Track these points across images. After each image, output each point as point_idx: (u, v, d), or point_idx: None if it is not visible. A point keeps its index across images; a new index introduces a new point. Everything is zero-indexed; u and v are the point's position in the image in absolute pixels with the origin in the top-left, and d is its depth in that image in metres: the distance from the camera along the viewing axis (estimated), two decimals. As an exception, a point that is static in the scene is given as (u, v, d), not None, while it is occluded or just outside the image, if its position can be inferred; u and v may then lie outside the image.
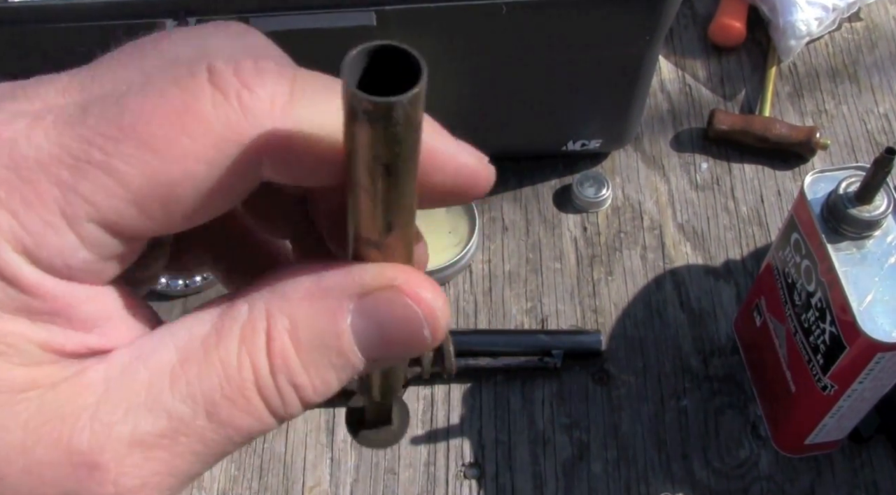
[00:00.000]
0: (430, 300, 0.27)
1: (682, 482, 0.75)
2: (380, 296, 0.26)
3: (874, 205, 0.62)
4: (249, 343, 0.25)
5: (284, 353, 0.25)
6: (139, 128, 0.24)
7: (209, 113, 0.24)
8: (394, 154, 0.24)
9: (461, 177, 0.28)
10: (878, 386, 0.65)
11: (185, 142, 0.24)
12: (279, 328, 0.25)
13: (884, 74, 1.00)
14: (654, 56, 0.81)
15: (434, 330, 0.27)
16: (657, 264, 0.86)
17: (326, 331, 0.26)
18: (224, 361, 0.25)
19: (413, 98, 0.23)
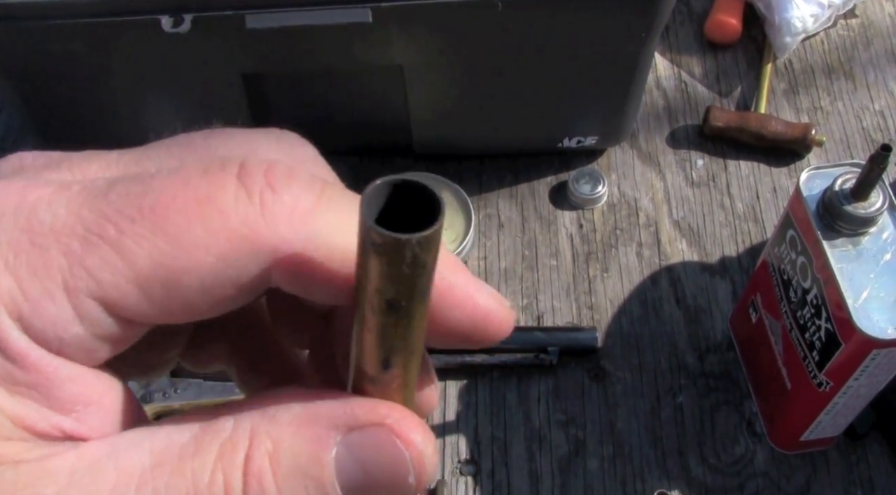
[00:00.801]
0: (420, 444, 0.25)
1: (678, 478, 0.75)
2: (369, 432, 0.25)
3: (870, 201, 0.62)
4: (227, 459, 0.24)
5: (261, 476, 0.24)
6: (157, 211, 0.24)
7: (229, 207, 0.24)
8: (398, 292, 0.23)
9: (478, 319, 0.27)
10: (873, 383, 0.65)
11: (199, 232, 0.24)
12: (261, 449, 0.24)
13: (879, 71, 1.00)
14: (649, 53, 0.81)
15: (419, 475, 0.25)
16: (653, 261, 0.86)
17: (309, 459, 0.24)
18: (196, 474, 0.24)
19: (424, 239, 0.22)
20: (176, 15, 0.70)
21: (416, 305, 0.24)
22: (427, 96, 0.83)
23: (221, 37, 0.73)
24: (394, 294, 0.23)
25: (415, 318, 0.24)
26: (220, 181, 0.24)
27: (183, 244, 0.24)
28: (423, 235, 0.22)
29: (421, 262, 0.22)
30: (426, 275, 0.23)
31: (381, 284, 0.23)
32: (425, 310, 0.25)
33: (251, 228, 0.24)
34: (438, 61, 0.79)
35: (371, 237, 0.22)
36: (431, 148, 0.91)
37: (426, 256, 0.22)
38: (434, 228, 0.22)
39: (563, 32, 0.76)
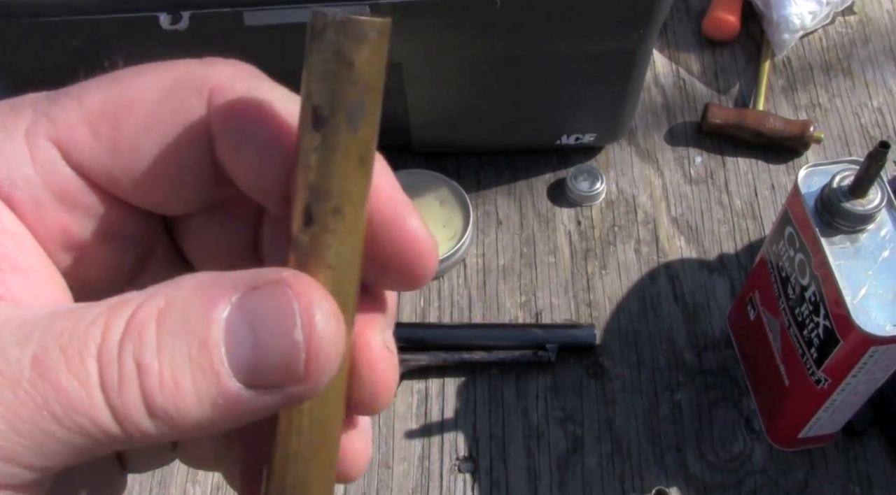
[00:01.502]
0: (314, 299, 0.23)
1: (676, 475, 0.75)
2: (263, 288, 0.23)
3: (868, 198, 0.62)
4: (115, 308, 0.22)
5: (143, 326, 0.22)
6: (117, 73, 0.26)
7: (178, 64, 0.26)
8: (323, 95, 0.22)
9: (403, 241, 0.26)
10: (871, 380, 0.65)
11: (148, 77, 0.25)
12: (151, 303, 0.22)
13: (877, 68, 1.00)
14: (648, 50, 0.81)
15: (308, 334, 0.23)
16: (651, 258, 0.87)
17: (196, 314, 0.22)
18: (79, 316, 0.22)
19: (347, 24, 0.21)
20: (174, 12, 0.70)
21: (343, 123, 0.22)
22: (425, 93, 0.83)
23: (219, 34, 0.73)
24: (318, 99, 0.22)
25: (341, 146, 0.23)
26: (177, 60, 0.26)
27: (130, 86, 0.25)
28: (353, 18, 0.21)
29: (346, 58, 0.21)
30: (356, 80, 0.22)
31: (308, 87, 0.22)
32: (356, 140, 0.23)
33: (194, 72, 0.25)
34: (437, 58, 0.79)
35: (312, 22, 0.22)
36: (430, 145, 0.91)
37: (352, 51, 0.21)
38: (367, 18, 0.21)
39: (562, 29, 0.76)
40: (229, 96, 0.25)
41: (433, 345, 0.80)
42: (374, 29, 0.22)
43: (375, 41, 0.22)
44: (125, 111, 0.25)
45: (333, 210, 0.23)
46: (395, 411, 0.79)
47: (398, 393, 0.79)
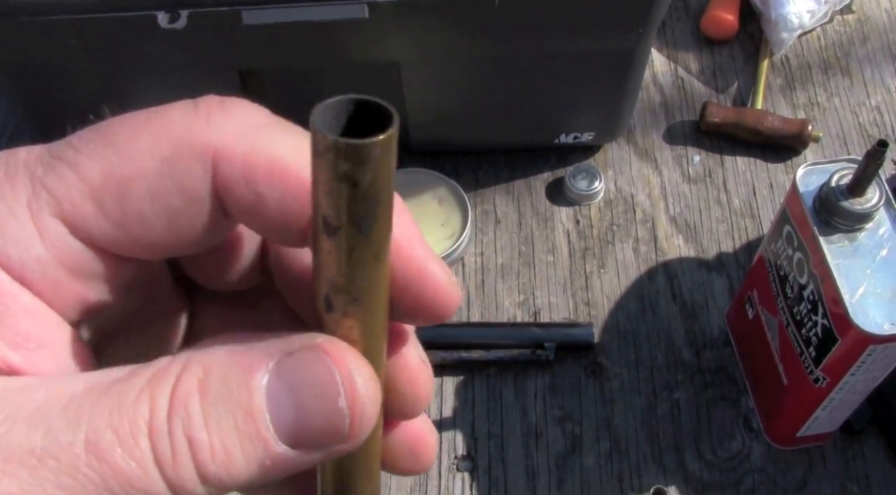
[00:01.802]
0: (353, 366, 0.24)
1: (675, 474, 0.75)
2: (300, 355, 0.24)
3: (866, 197, 0.62)
4: (156, 382, 0.23)
5: (188, 399, 0.23)
6: (110, 129, 0.25)
7: (175, 118, 0.25)
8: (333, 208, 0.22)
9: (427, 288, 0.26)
10: (869, 379, 0.65)
11: (144, 140, 0.24)
12: (191, 374, 0.23)
13: (875, 67, 1.00)
14: (646, 49, 0.81)
15: (351, 401, 0.24)
16: (649, 257, 0.87)
17: (237, 384, 0.23)
18: (123, 393, 0.23)
19: (353, 149, 0.21)
20: (172, 11, 0.70)
21: (354, 232, 0.23)
22: (424, 92, 0.83)
23: (218, 33, 0.73)
24: (327, 209, 0.22)
25: (355, 250, 0.23)
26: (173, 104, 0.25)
27: (129, 152, 0.24)
28: (351, 143, 0.21)
29: (350, 179, 0.21)
30: (363, 197, 0.22)
31: (317, 196, 0.22)
32: (373, 248, 0.23)
33: (194, 133, 0.24)
34: (435, 57, 0.79)
35: (313, 140, 0.21)
36: (428, 144, 0.91)
37: (360, 173, 0.21)
38: (367, 141, 0.21)
39: (560, 28, 0.76)
40: (235, 162, 0.24)
41: (431, 343, 0.80)
42: (377, 148, 0.21)
43: (378, 159, 0.21)
44: (127, 184, 0.24)
45: (352, 300, 0.24)
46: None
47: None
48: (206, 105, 0.25)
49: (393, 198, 0.23)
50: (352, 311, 0.24)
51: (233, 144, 0.24)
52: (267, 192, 0.24)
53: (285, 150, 0.24)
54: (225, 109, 0.25)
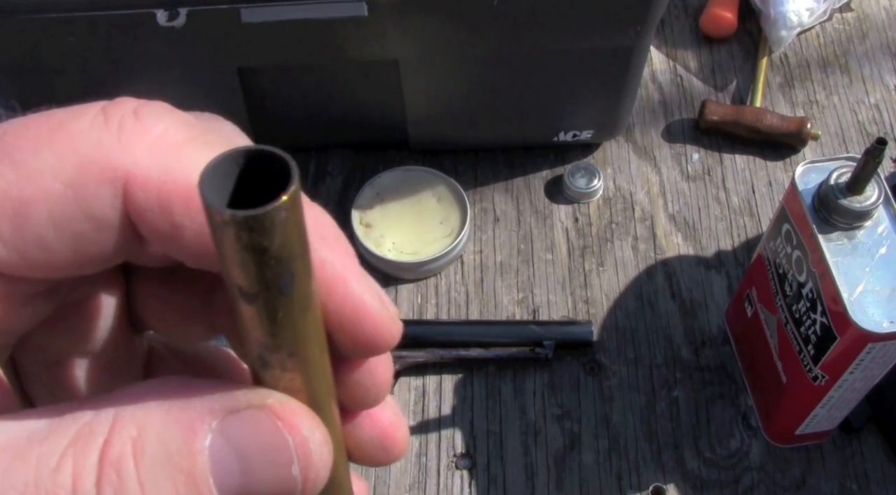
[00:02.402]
0: (306, 430, 0.22)
1: (674, 472, 0.75)
2: (247, 414, 0.22)
3: (865, 195, 0.62)
4: (81, 444, 0.20)
5: (120, 464, 0.20)
6: (7, 140, 0.22)
7: (82, 132, 0.22)
8: (245, 278, 0.20)
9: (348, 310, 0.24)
10: (868, 377, 0.65)
11: (46, 157, 0.21)
12: (123, 435, 0.21)
13: (874, 65, 1.00)
14: (645, 46, 0.81)
15: (305, 466, 0.22)
16: (648, 255, 0.87)
17: (178, 446, 0.21)
18: (41, 459, 0.20)
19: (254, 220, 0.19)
20: (171, 9, 0.70)
21: (276, 298, 0.21)
22: (423, 90, 0.83)
23: (217, 31, 0.73)
24: (239, 280, 0.20)
25: (279, 311, 0.21)
26: (80, 111, 0.22)
27: (29, 171, 0.21)
28: (251, 215, 0.19)
29: (257, 248, 0.19)
30: (275, 262, 0.20)
31: (225, 266, 0.20)
32: (297, 304, 0.21)
33: (102, 152, 0.21)
34: (434, 55, 0.79)
35: (207, 214, 0.19)
36: (427, 142, 0.91)
37: (267, 240, 0.19)
38: (269, 208, 0.19)
39: (559, 26, 0.76)
40: (149, 189, 0.22)
41: (430, 341, 0.80)
42: (281, 211, 0.19)
43: (284, 222, 0.19)
44: (26, 207, 0.21)
45: (288, 355, 0.22)
46: (392, 408, 0.78)
47: (395, 390, 0.79)
48: (118, 116, 0.22)
49: (308, 248, 0.21)
50: (290, 364, 0.22)
51: (147, 168, 0.22)
52: (185, 223, 0.22)
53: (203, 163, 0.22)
54: (139, 122, 0.22)
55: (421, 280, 0.85)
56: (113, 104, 0.22)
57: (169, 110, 0.23)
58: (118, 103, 0.23)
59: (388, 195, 0.87)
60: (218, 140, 0.23)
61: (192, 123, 0.23)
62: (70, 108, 0.22)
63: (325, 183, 0.91)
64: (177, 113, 0.23)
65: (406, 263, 0.83)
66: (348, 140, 0.93)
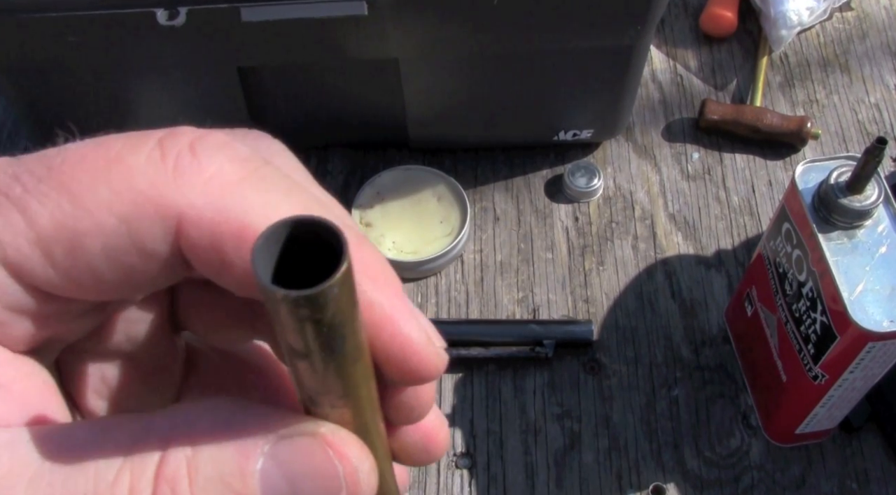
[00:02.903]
0: (356, 460, 0.23)
1: (674, 471, 0.75)
2: (299, 442, 0.22)
3: (865, 194, 0.62)
4: (138, 460, 0.21)
5: (175, 481, 0.21)
6: (64, 169, 0.22)
7: (138, 167, 0.22)
8: (299, 343, 0.21)
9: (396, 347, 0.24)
10: (868, 376, 0.65)
11: (103, 192, 0.22)
12: (178, 453, 0.21)
13: (875, 64, 1.00)
14: (645, 46, 0.81)
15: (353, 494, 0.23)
16: (648, 254, 0.87)
17: (232, 468, 0.22)
18: (99, 472, 0.21)
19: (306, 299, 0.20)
20: (171, 8, 0.70)
21: (326, 357, 0.22)
22: (423, 89, 0.83)
23: (217, 30, 0.73)
24: (294, 343, 0.21)
25: (330, 366, 0.22)
26: (137, 143, 0.23)
27: (86, 204, 0.22)
28: (305, 295, 0.19)
29: (311, 319, 0.20)
30: (328, 330, 0.21)
31: (280, 330, 0.21)
32: (348, 359, 0.22)
33: (158, 190, 0.22)
34: (434, 54, 0.79)
35: (261, 291, 0.20)
36: (427, 141, 0.91)
37: (320, 314, 0.20)
38: (323, 288, 0.19)
39: (559, 25, 0.76)
40: (202, 228, 0.22)
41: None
42: (334, 288, 0.20)
43: (337, 296, 0.20)
44: (81, 238, 0.22)
45: (338, 398, 0.23)
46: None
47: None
48: (175, 152, 0.22)
49: (359, 311, 0.22)
50: (340, 404, 0.23)
51: (201, 208, 0.22)
52: (235, 260, 0.22)
53: (258, 215, 0.22)
54: (195, 159, 0.22)
55: (421, 279, 0.85)
56: (170, 136, 0.23)
57: (225, 145, 0.23)
58: (175, 135, 0.23)
59: (389, 194, 0.87)
60: (272, 173, 0.23)
61: (246, 158, 0.23)
62: (129, 138, 0.23)
63: (325, 182, 0.91)
64: (232, 147, 0.23)
65: (406, 262, 0.83)
66: (348, 139, 0.93)
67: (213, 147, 0.23)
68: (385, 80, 0.82)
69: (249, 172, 0.23)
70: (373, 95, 0.85)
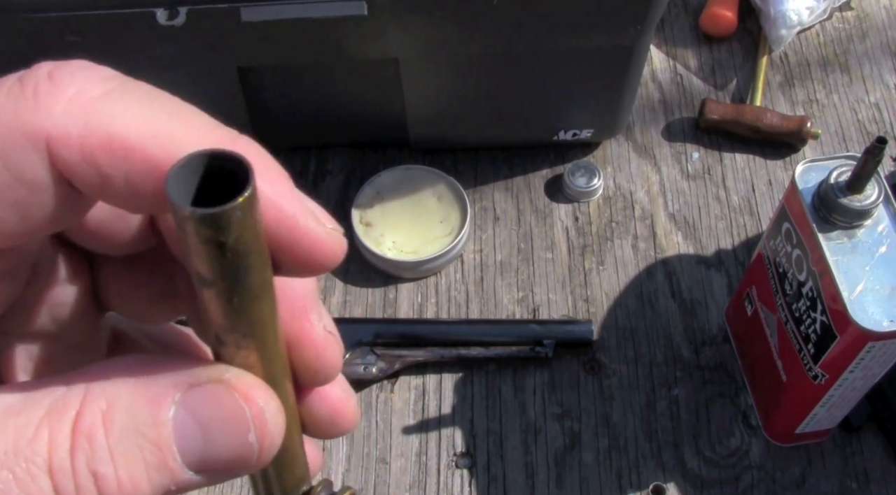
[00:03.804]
0: (262, 401, 0.24)
1: (674, 471, 0.75)
2: (207, 388, 0.24)
3: (865, 194, 0.62)
4: (55, 416, 0.22)
5: (91, 433, 0.22)
6: None
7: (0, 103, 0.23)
8: (203, 266, 0.22)
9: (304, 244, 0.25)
10: (868, 376, 0.65)
11: None
12: (93, 407, 0.22)
13: (874, 64, 1.00)
14: (645, 45, 0.81)
15: (261, 435, 0.24)
16: (648, 254, 0.87)
17: (144, 418, 0.23)
18: (19, 429, 0.22)
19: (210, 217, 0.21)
20: (171, 7, 0.70)
21: (232, 286, 0.23)
22: (423, 89, 0.83)
23: (217, 29, 0.73)
24: (199, 267, 0.22)
25: (234, 297, 0.23)
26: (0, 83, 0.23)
27: None
28: (209, 213, 0.21)
29: (214, 242, 0.21)
30: (231, 255, 0.22)
31: (187, 254, 0.22)
32: (252, 292, 0.23)
33: (21, 118, 0.23)
34: (434, 54, 0.79)
35: (172, 210, 0.21)
36: (427, 141, 0.91)
37: (224, 236, 0.21)
38: (225, 208, 0.21)
39: (559, 25, 0.76)
40: (71, 145, 0.23)
41: (430, 340, 0.80)
42: (237, 211, 0.21)
43: (241, 220, 0.21)
44: None
45: (242, 336, 0.24)
46: (392, 407, 0.79)
47: (395, 389, 0.79)
48: (33, 81, 0.23)
49: (265, 243, 0.23)
50: (245, 343, 0.24)
51: (65, 126, 0.23)
52: (112, 172, 0.23)
53: (124, 124, 0.23)
54: (53, 84, 0.23)
55: (421, 279, 0.85)
56: (28, 72, 0.24)
57: (84, 67, 0.24)
58: (33, 70, 0.24)
59: (389, 194, 0.87)
60: (134, 87, 0.24)
61: (108, 77, 0.24)
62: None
63: (325, 182, 0.91)
64: (93, 68, 0.24)
65: (406, 262, 0.83)
66: (348, 139, 0.93)
67: (71, 71, 0.24)
68: (385, 80, 0.82)
69: (111, 88, 0.24)
70: (373, 95, 0.85)
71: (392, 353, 0.79)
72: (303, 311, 0.28)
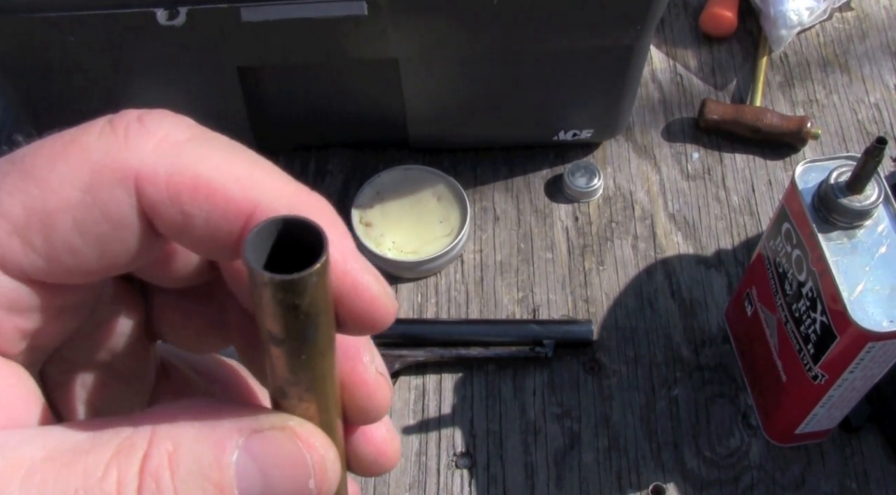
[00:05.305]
0: (322, 450, 0.25)
1: (673, 471, 0.75)
2: (269, 435, 0.24)
3: (865, 194, 0.62)
4: (123, 456, 0.23)
5: (158, 474, 0.23)
6: (26, 160, 0.24)
7: (91, 143, 0.24)
8: (276, 328, 0.23)
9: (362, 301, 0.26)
10: (868, 376, 0.65)
11: (63, 169, 0.24)
12: (160, 449, 0.23)
13: (874, 64, 1.00)
14: (645, 45, 0.81)
15: (320, 483, 0.25)
16: (648, 254, 0.87)
17: (209, 461, 0.23)
18: (88, 468, 0.23)
19: (289, 283, 0.22)
20: (171, 7, 0.70)
21: (301, 344, 0.24)
22: (423, 89, 0.83)
23: (217, 30, 0.73)
24: (271, 327, 0.23)
25: (303, 355, 0.24)
26: (89, 126, 0.24)
27: (49, 184, 0.24)
28: (287, 279, 0.21)
29: (289, 304, 0.22)
30: (304, 317, 0.23)
31: (260, 315, 0.23)
32: (319, 350, 0.24)
33: (112, 157, 0.24)
34: (434, 54, 0.79)
35: (249, 274, 0.22)
36: (427, 141, 0.91)
37: (298, 300, 0.22)
38: (303, 275, 0.22)
39: (559, 25, 0.76)
40: (158, 183, 0.24)
41: (430, 340, 0.80)
42: (313, 277, 0.22)
43: (315, 285, 0.22)
44: (52, 217, 0.24)
45: (305, 390, 0.25)
46: (392, 407, 0.79)
47: (395, 389, 0.79)
48: (124, 123, 0.24)
49: (332, 304, 0.24)
50: (307, 397, 0.25)
51: (154, 165, 0.24)
52: (194, 212, 0.24)
53: (209, 167, 0.24)
54: (143, 126, 0.24)
55: (421, 279, 0.85)
56: (118, 116, 0.24)
57: (170, 114, 0.25)
58: (122, 114, 0.25)
59: (388, 194, 0.87)
60: (216, 137, 0.25)
61: (192, 125, 0.25)
62: (79, 126, 0.24)
63: (325, 182, 0.91)
64: (177, 117, 0.25)
65: (406, 262, 0.83)
66: (348, 139, 0.93)
67: (159, 116, 0.25)
68: (385, 80, 0.82)
69: (196, 135, 0.25)
70: (373, 95, 0.85)
71: (392, 353, 0.79)
72: (356, 352, 0.28)
